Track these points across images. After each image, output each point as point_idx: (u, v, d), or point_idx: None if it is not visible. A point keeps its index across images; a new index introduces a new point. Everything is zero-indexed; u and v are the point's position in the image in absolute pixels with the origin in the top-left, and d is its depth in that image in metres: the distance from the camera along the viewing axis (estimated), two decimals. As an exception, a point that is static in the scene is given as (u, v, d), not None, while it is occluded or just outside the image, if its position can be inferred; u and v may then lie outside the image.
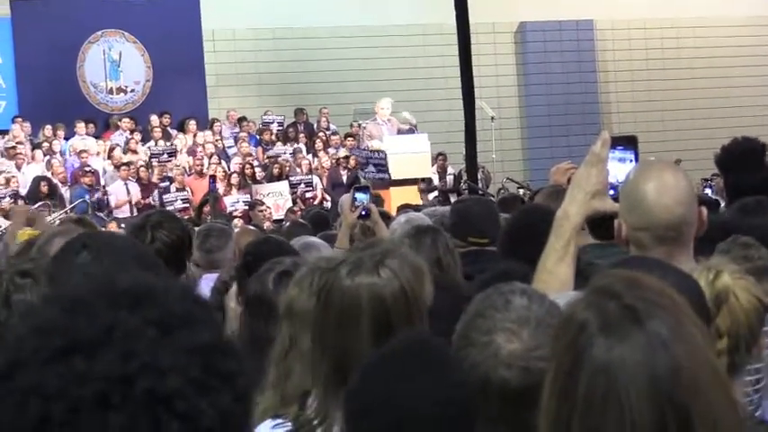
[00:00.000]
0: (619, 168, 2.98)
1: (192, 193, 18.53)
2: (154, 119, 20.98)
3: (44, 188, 17.97)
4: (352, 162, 18.86)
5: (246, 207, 18.02)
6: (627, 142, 3.04)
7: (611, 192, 2.95)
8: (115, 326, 1.27)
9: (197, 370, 1.27)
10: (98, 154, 19.93)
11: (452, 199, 15.97)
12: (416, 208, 10.01)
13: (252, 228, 9.55)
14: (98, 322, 1.27)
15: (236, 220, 15.93)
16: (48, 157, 19.48)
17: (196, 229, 6.86)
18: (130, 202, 18.13)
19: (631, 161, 3.00)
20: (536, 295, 2.37)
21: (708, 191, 16.04)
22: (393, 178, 16.14)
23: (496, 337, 2.27)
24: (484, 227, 5.40)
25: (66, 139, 20.38)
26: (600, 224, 3.45)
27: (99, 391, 1.23)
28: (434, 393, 2.08)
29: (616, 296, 1.69)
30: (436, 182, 19.30)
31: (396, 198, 14.39)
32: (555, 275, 2.88)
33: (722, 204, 7.01)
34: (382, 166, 16.07)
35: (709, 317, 2.32)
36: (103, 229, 12.12)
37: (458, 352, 2.30)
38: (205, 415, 1.26)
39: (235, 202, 18.39)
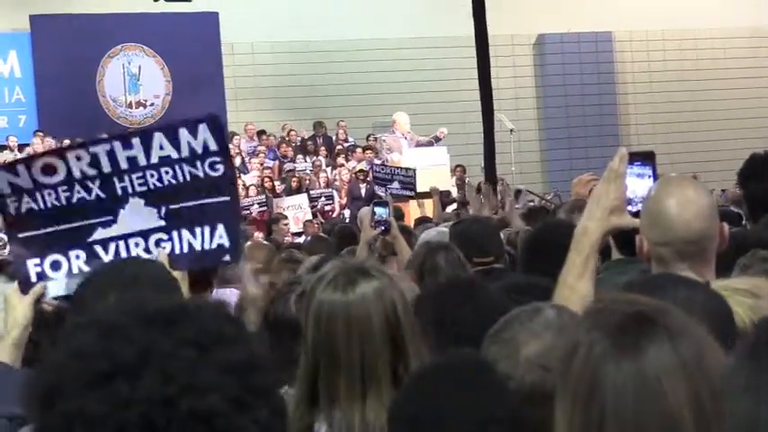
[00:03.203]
0: (637, 184, 2.98)
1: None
2: (174, 133, 20.98)
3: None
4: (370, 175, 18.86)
5: (263, 209, 18.13)
6: (645, 158, 3.04)
7: (630, 207, 2.95)
8: (152, 348, 1.28)
9: (235, 388, 1.28)
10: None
11: (471, 211, 15.91)
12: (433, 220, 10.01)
13: (265, 243, 9.53)
14: (135, 345, 1.28)
15: (255, 234, 15.96)
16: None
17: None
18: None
19: (650, 177, 3.00)
20: (568, 311, 2.42)
21: (721, 200, 15.97)
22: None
23: (520, 336, 2.33)
24: (486, 245, 5.36)
25: (87, 152, 20.44)
26: (626, 240, 3.45)
27: (143, 413, 1.24)
28: (478, 412, 2.09)
29: (614, 314, 1.72)
30: (455, 194, 19.26)
31: (415, 211, 14.37)
32: (575, 291, 2.88)
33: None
34: (409, 184, 15.96)
35: (734, 337, 2.31)
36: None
37: (483, 351, 2.36)
38: (246, 431, 1.28)
39: (249, 204, 18.48)
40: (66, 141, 20.36)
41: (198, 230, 3.61)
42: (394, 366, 2.68)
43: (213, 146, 3.64)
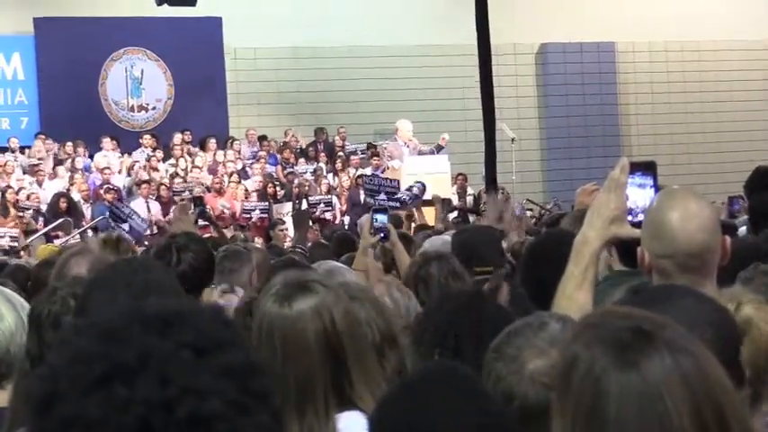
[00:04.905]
0: (638, 194, 2.97)
1: (212, 211, 18.56)
2: (177, 137, 21.02)
3: (63, 205, 18.02)
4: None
5: (264, 216, 18.15)
6: (646, 168, 3.03)
7: (630, 217, 2.94)
8: (150, 351, 1.27)
9: (234, 391, 1.27)
10: (120, 171, 20.00)
11: (471, 219, 15.93)
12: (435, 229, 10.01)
13: (258, 246, 9.56)
14: (133, 348, 1.27)
15: (256, 239, 15.97)
16: (70, 173, 19.57)
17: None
18: (151, 220, 18.16)
19: (651, 187, 2.99)
20: (572, 323, 2.39)
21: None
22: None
23: (525, 352, 2.33)
24: (486, 255, 5.34)
25: (90, 156, 20.47)
26: (627, 251, 3.44)
27: (141, 416, 1.23)
28: (460, 422, 2.07)
29: (612, 328, 1.71)
30: (456, 202, 19.26)
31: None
32: (574, 301, 2.87)
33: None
34: (394, 195, 15.97)
35: (738, 349, 2.32)
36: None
37: (486, 365, 2.34)
38: None
39: (251, 209, 18.49)
40: (69, 144, 20.40)
41: None
42: (338, 382, 2.66)
43: None
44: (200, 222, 16.49)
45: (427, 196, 15.44)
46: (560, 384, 1.74)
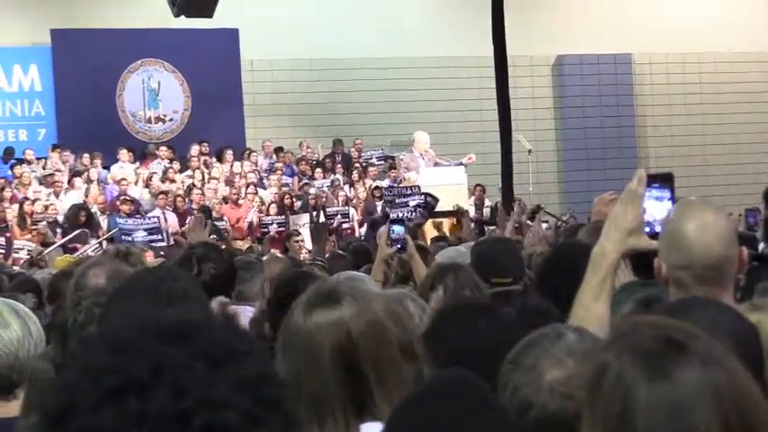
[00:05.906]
0: (656, 207, 2.96)
1: (228, 222, 18.60)
2: (195, 148, 21.06)
3: (82, 217, 18.05)
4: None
5: (281, 229, 18.15)
6: (663, 180, 3.02)
7: (647, 229, 2.94)
8: (163, 363, 1.26)
9: (249, 402, 1.27)
10: (136, 183, 20.04)
11: (488, 231, 15.91)
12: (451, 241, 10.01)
13: (281, 256, 9.53)
14: (146, 360, 1.26)
15: (273, 250, 15.96)
16: (86, 185, 19.61)
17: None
18: (167, 231, 18.17)
19: (669, 200, 2.98)
20: (589, 335, 2.40)
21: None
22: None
23: (542, 362, 2.32)
24: (506, 266, 5.30)
25: (105, 167, 20.51)
26: (643, 262, 3.43)
27: (156, 430, 1.22)
28: (481, 428, 2.06)
29: (644, 338, 1.71)
30: (473, 213, 19.24)
31: (431, 230, 14.37)
32: (591, 312, 2.87)
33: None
34: (423, 204, 15.89)
35: (762, 359, 2.31)
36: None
37: (503, 376, 2.34)
38: None
39: (269, 223, 18.50)
40: (86, 155, 20.46)
41: None
42: (358, 397, 2.61)
43: None
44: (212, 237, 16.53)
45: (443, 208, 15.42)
46: (590, 394, 1.73)
